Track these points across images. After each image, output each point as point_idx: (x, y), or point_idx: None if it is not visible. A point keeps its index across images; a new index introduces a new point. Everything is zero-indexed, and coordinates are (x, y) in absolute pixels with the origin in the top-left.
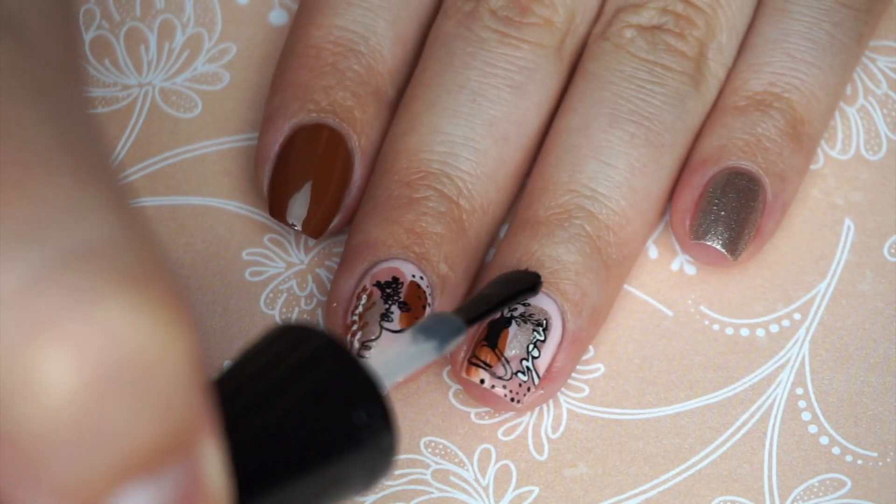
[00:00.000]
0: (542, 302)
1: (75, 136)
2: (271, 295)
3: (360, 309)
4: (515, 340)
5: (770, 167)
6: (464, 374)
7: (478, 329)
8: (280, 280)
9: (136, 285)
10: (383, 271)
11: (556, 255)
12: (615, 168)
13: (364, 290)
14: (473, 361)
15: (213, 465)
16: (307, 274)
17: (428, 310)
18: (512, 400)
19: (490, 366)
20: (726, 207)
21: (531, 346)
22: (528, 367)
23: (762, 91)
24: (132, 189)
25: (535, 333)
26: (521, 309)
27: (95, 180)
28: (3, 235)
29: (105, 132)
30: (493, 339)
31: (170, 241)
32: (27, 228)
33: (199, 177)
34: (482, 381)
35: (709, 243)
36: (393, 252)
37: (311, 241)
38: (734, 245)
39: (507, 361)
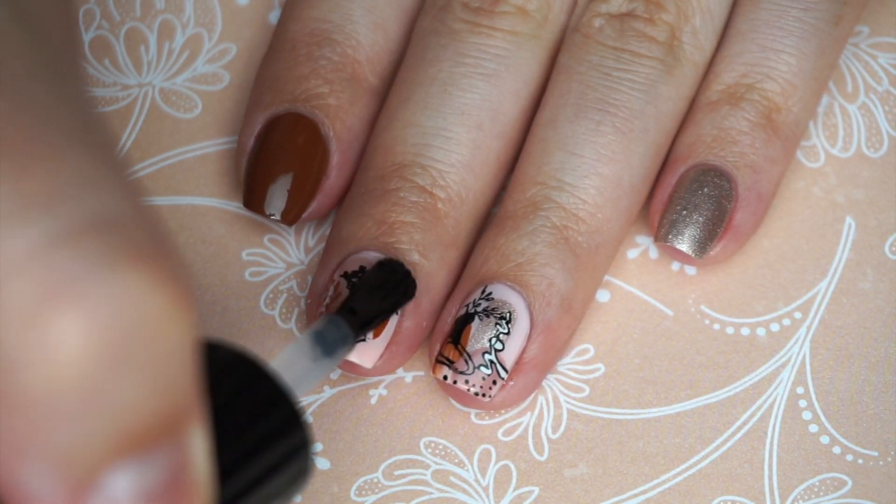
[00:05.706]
0: (506, 295)
1: (83, 114)
2: (271, 295)
3: (328, 300)
4: (477, 335)
5: (740, 160)
6: (433, 373)
7: (449, 327)
8: (280, 280)
9: (146, 260)
10: (351, 261)
11: (520, 248)
12: (581, 157)
13: (332, 281)
14: (438, 359)
15: (200, 451)
16: (307, 274)
17: None
18: (478, 395)
19: (452, 362)
20: (689, 206)
21: (494, 340)
22: (490, 361)
23: (734, 83)
24: (130, 164)
25: (498, 327)
26: (484, 304)
27: (105, 158)
28: (21, 203)
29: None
30: (457, 335)
31: None
32: (44, 198)
33: (199, 177)
34: (445, 378)
35: (670, 244)
36: (362, 244)
37: (312, 242)
38: (700, 244)
39: (469, 356)
